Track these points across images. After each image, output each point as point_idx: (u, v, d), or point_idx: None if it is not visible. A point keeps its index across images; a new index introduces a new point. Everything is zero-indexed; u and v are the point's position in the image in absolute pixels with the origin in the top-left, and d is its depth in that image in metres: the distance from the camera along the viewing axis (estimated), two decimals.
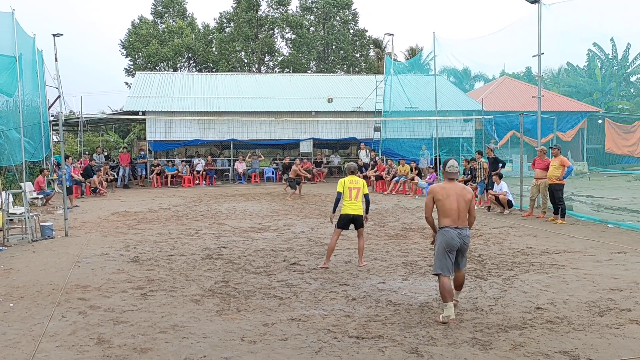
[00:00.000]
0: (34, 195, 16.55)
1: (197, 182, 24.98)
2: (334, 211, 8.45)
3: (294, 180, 19.09)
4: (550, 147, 13.05)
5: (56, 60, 22.02)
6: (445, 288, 5.64)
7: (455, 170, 5.94)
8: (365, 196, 8.31)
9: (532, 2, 14.36)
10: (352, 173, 8.47)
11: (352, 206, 8.17)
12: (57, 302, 6.45)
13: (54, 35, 22.06)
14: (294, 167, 19.78)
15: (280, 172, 24.16)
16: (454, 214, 5.76)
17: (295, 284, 7.20)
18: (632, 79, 37.06)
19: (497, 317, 5.73)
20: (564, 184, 12.50)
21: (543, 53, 14.53)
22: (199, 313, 5.99)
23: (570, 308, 5.99)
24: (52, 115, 22.41)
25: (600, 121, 29.58)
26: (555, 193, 12.42)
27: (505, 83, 33.11)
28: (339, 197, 8.31)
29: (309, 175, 18.67)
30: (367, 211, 8.44)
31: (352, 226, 8.34)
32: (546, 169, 12.96)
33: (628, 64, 35.84)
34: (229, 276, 7.63)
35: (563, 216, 12.35)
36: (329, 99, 26.47)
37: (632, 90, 37.44)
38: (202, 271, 7.96)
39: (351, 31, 49.79)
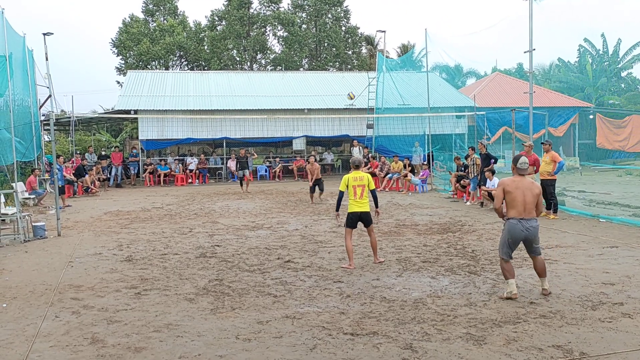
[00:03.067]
0: (26, 195, 16.45)
1: (190, 180, 24.91)
2: (337, 209, 8.43)
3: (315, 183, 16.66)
4: (542, 143, 13.11)
5: (47, 59, 21.86)
6: (505, 268, 6.27)
7: (526, 166, 6.41)
8: (372, 192, 8.19)
9: None
10: (357, 167, 8.38)
11: (358, 204, 8.07)
12: (50, 302, 6.42)
13: (44, 34, 21.89)
14: (307, 167, 17.39)
15: (235, 169, 21.80)
16: (520, 206, 6.22)
17: (290, 281, 7.21)
18: (623, 74, 37.34)
19: (491, 312, 5.76)
20: (555, 179, 12.56)
21: (534, 49, 14.61)
22: (193, 312, 5.99)
23: (563, 302, 6.02)
24: (43, 115, 22.27)
25: (591, 116, 29.76)
26: (547, 188, 12.48)
27: (497, 79, 33.25)
28: (341, 196, 8.32)
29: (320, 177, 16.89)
30: (376, 206, 8.35)
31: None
32: (532, 164, 13.00)
33: (619, 59, 36.09)
34: (223, 274, 7.63)
35: (555, 211, 12.42)
36: (350, 96, 26.02)
37: (622, 85, 37.72)
38: (195, 270, 7.95)
39: (343, 28, 49.73)
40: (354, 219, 8.12)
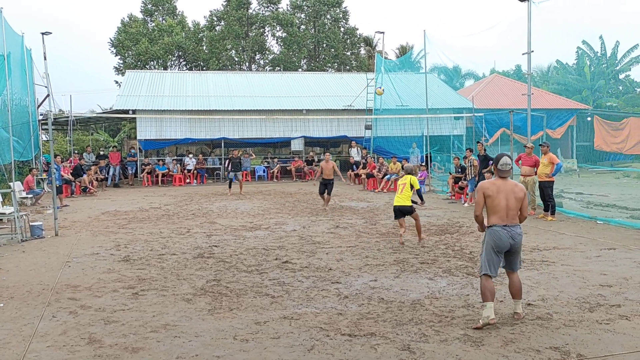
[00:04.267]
0: (24, 194, 16.42)
1: (188, 180, 24.88)
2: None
3: (323, 183, 15.33)
4: (540, 145, 13.12)
5: (45, 58, 21.85)
6: (487, 287, 5.44)
7: (508, 167, 5.70)
8: (418, 191, 10.22)
9: (521, 1, 14.44)
10: (409, 173, 10.21)
11: (398, 199, 9.89)
12: (47, 302, 6.40)
13: (42, 33, 21.86)
14: (322, 163, 15.82)
15: (227, 171, 20.99)
16: (503, 211, 5.55)
17: (287, 282, 7.20)
18: (621, 76, 37.40)
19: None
20: (553, 181, 12.58)
21: (533, 51, 14.63)
22: (191, 312, 5.98)
23: (560, 304, 6.03)
24: (41, 114, 22.22)
25: (589, 118, 29.80)
26: (545, 190, 12.50)
27: (496, 81, 33.28)
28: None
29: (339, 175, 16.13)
30: (421, 199, 10.45)
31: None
32: (533, 165, 13.03)
33: (617, 61, 36.16)
34: (221, 275, 7.62)
35: (553, 213, 12.44)
36: (379, 90, 25.52)
37: (620, 87, 37.79)
38: (193, 270, 7.94)
39: (342, 29, 49.75)
40: (396, 212, 10.00)
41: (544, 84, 37.56)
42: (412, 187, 9.98)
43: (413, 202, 10.00)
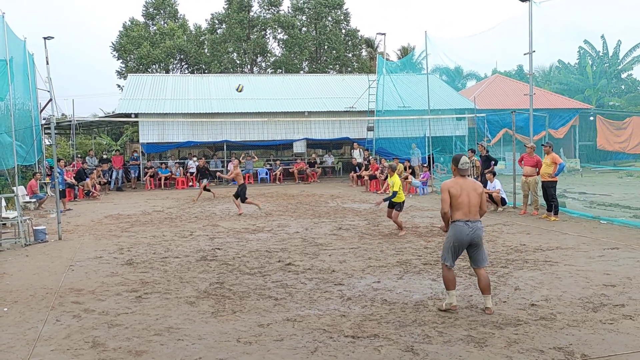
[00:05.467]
0: (27, 199, 16.47)
1: (190, 183, 24.89)
2: (389, 199, 11.16)
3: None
4: (542, 145, 13.10)
5: (47, 63, 21.95)
6: (448, 277, 5.94)
7: (467, 166, 6.17)
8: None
9: (523, 0, 14.43)
10: (395, 170, 11.37)
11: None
12: (51, 306, 6.42)
13: (44, 38, 21.97)
14: (232, 169, 16.20)
15: (196, 177, 20.82)
16: (466, 207, 5.94)
17: (290, 284, 7.20)
18: (623, 75, 37.30)
19: (492, 314, 5.75)
20: (556, 181, 12.56)
21: (534, 51, 14.60)
22: (194, 315, 5.99)
23: (564, 304, 6.02)
24: (43, 119, 22.30)
25: (591, 118, 29.74)
26: (548, 190, 12.48)
27: (497, 81, 33.24)
28: (394, 195, 10.94)
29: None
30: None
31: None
32: (535, 166, 13.01)
33: (619, 60, 36.06)
34: (224, 277, 7.63)
35: (556, 213, 12.41)
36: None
37: (623, 86, 37.70)
38: (196, 273, 7.95)
39: (343, 31, 49.76)
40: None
41: (546, 84, 37.49)
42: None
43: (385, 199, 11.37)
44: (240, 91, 21.75)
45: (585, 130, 29.97)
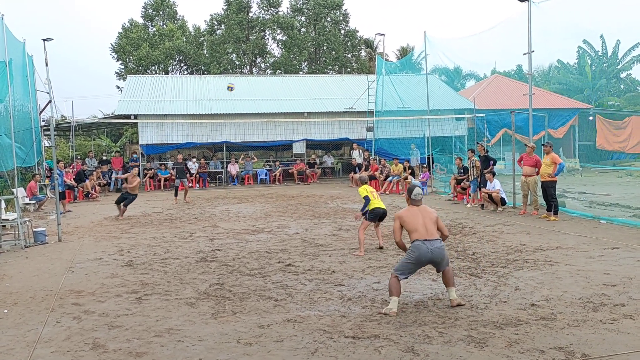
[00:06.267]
0: (27, 200, 16.46)
1: (190, 184, 24.86)
2: (362, 210, 9.68)
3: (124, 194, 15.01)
4: (542, 145, 13.10)
5: (47, 64, 21.94)
6: (394, 285, 6.04)
7: (420, 197, 6.49)
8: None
9: (522, 1, 14.43)
10: (365, 183, 10.00)
11: (379, 204, 9.60)
12: (51, 307, 6.41)
13: (44, 39, 21.97)
14: (129, 177, 15.32)
15: (174, 176, 19.87)
16: (421, 227, 6.18)
17: (290, 285, 7.20)
18: (622, 75, 37.33)
19: (492, 314, 5.75)
20: (556, 181, 12.56)
21: (533, 51, 14.61)
22: (194, 316, 5.98)
23: (564, 304, 6.01)
24: (43, 120, 22.31)
25: (591, 118, 29.76)
26: (548, 190, 12.48)
27: (497, 81, 33.26)
28: (368, 201, 9.57)
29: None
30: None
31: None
32: (534, 165, 13.02)
33: (618, 60, 36.09)
34: (224, 279, 7.62)
35: (556, 213, 12.41)
36: None
37: (622, 86, 37.72)
38: (196, 274, 7.95)
39: (342, 32, 49.77)
40: (377, 215, 9.60)
41: (545, 84, 37.51)
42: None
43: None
44: (231, 90, 21.74)
45: (584, 130, 29.99)
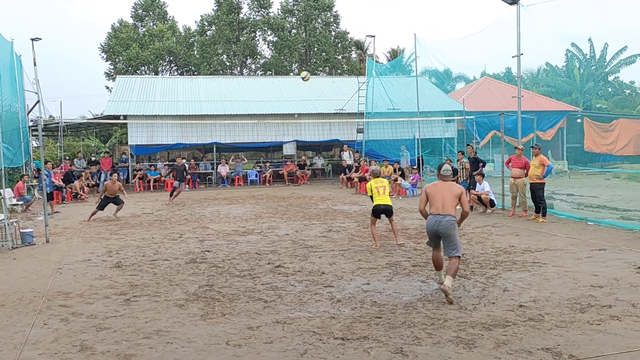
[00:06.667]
0: (14, 201, 16.32)
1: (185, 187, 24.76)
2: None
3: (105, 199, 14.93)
4: (531, 147, 13.19)
5: (35, 64, 21.75)
6: (433, 259, 6.88)
7: (448, 173, 7.00)
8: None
9: (511, 4, 14.53)
10: (377, 176, 10.28)
11: (382, 200, 9.88)
12: (38, 309, 6.36)
13: (32, 39, 21.79)
14: (108, 183, 15.30)
15: (174, 176, 19.75)
16: (439, 202, 6.67)
17: (280, 286, 7.20)
18: (610, 78, 37.63)
19: (481, 315, 5.78)
20: (544, 183, 12.64)
21: (522, 54, 14.71)
22: (183, 318, 5.96)
23: (552, 305, 6.06)
24: (31, 121, 22.10)
25: (579, 120, 29.99)
26: (537, 192, 12.56)
27: (486, 84, 33.44)
28: (372, 198, 10.00)
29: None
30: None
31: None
32: (523, 167, 13.10)
33: (605, 63, 36.39)
34: (213, 280, 7.60)
35: (544, 215, 12.49)
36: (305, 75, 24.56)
37: (609, 89, 38.03)
38: (186, 275, 7.92)
39: (333, 33, 49.84)
40: (379, 211, 9.92)
41: (534, 87, 37.75)
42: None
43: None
44: (306, 80, 22.27)
45: (572, 133, 30.22)
